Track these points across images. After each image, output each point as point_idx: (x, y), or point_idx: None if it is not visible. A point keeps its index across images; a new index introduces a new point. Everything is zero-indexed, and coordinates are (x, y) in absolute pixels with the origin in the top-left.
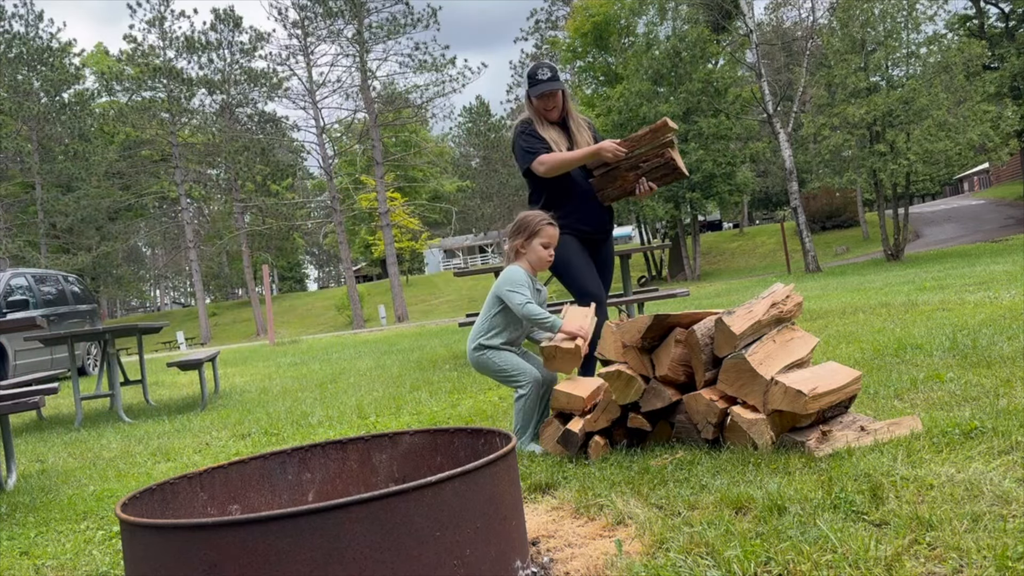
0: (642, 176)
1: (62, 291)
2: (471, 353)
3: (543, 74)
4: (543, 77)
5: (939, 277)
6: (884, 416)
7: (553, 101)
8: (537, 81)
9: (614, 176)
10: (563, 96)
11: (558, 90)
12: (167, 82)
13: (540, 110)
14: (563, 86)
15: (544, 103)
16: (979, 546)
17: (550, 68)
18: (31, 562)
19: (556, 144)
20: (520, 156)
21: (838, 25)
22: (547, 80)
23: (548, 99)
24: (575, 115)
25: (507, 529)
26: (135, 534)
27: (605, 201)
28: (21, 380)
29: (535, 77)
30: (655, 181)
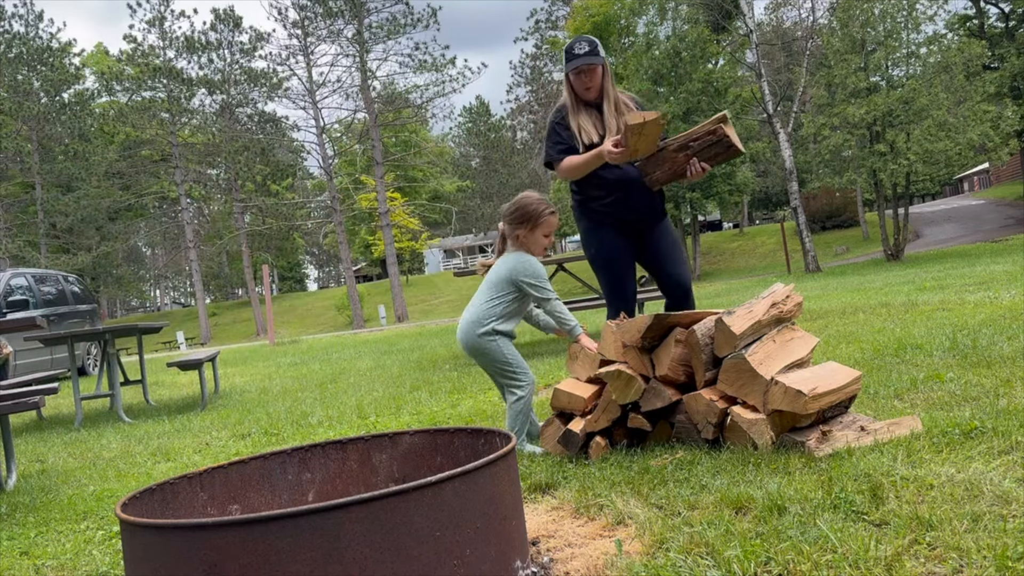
0: (693, 156)
1: (62, 291)
2: (476, 337)
3: (580, 48)
4: (580, 51)
5: (939, 277)
6: (884, 416)
7: (591, 78)
8: (573, 56)
9: (661, 159)
10: (603, 73)
11: (596, 66)
12: (167, 82)
13: (577, 88)
14: (602, 61)
15: (580, 80)
16: (979, 546)
17: (589, 42)
18: (31, 562)
19: (586, 133)
20: (545, 149)
21: (838, 25)
22: (584, 55)
23: (585, 76)
24: (613, 96)
25: (507, 529)
26: (135, 534)
27: (653, 186)
28: (21, 380)
29: (571, 51)
30: (708, 161)
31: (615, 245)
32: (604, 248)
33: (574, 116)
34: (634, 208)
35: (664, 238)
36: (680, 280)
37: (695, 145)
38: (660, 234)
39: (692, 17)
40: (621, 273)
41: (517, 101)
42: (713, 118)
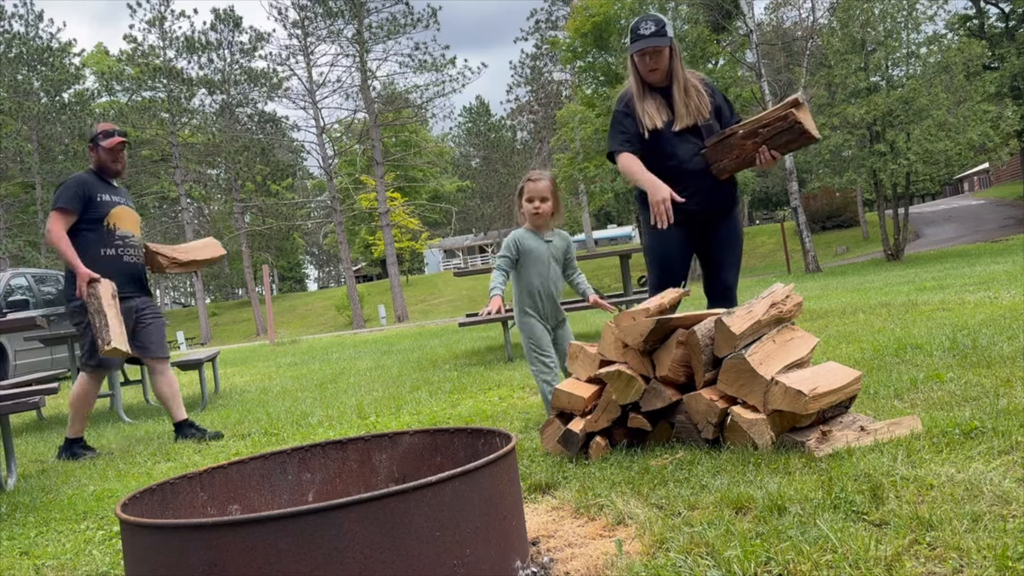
0: (762, 144)
1: (62, 291)
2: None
3: (646, 28)
4: (645, 31)
5: (939, 277)
6: (884, 416)
7: (656, 60)
8: (638, 36)
9: (729, 146)
10: (671, 55)
11: (663, 48)
12: (167, 82)
13: (642, 71)
14: (669, 42)
15: (645, 62)
16: (979, 546)
17: (656, 21)
18: (31, 562)
19: (650, 117)
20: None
21: (838, 25)
22: (650, 35)
23: (650, 58)
24: (682, 79)
25: (507, 529)
26: (135, 534)
27: (721, 175)
28: (21, 380)
29: (637, 31)
30: (778, 148)
31: (672, 240)
32: (659, 241)
33: (639, 101)
34: (698, 200)
35: (725, 238)
36: (727, 287)
37: (764, 132)
38: (723, 232)
39: (692, 17)
40: (672, 270)
41: (517, 101)
42: (784, 102)
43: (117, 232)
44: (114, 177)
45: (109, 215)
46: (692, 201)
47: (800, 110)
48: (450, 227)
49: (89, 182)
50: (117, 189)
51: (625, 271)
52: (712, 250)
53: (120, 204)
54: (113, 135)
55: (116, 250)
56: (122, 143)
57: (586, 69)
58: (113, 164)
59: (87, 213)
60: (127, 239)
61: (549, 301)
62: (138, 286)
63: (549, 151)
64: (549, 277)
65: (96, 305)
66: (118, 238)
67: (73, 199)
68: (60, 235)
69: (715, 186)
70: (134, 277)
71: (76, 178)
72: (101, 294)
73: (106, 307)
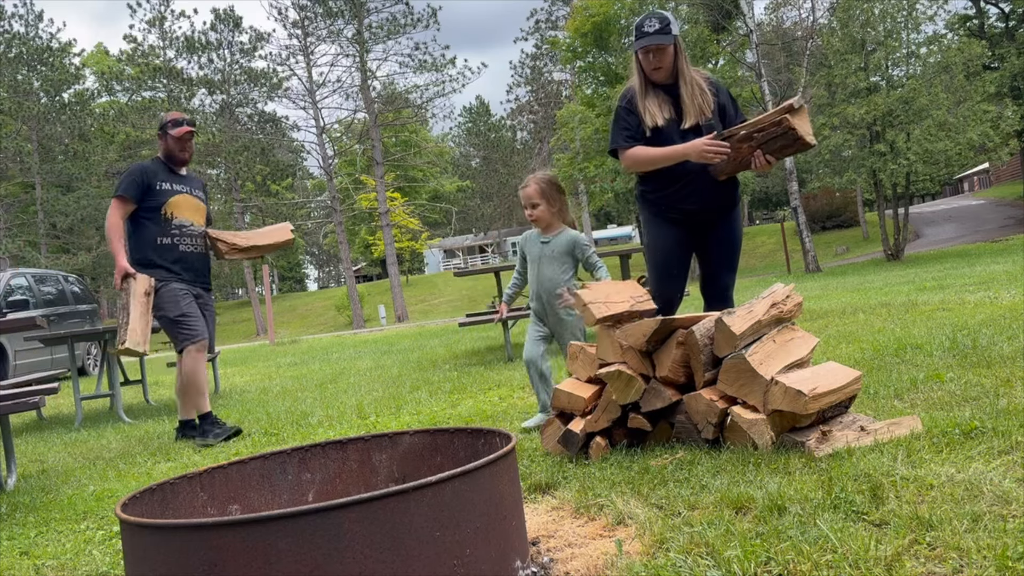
0: (757, 148)
1: (62, 291)
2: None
3: (650, 25)
4: (649, 29)
5: (939, 277)
6: (884, 416)
7: (660, 58)
8: (642, 33)
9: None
10: (675, 52)
11: (666, 45)
12: (167, 82)
13: (646, 68)
14: (674, 40)
15: (649, 60)
16: (979, 546)
17: (660, 18)
18: (31, 562)
19: (651, 115)
20: (611, 135)
21: (838, 25)
22: (653, 33)
23: (653, 56)
24: (689, 76)
25: (507, 529)
26: (135, 534)
27: (718, 176)
28: (21, 380)
29: (641, 28)
30: (773, 153)
31: (670, 239)
32: (657, 241)
33: (641, 98)
34: (697, 200)
35: (725, 239)
36: (724, 288)
37: (759, 136)
38: (723, 233)
39: (692, 17)
40: (670, 270)
41: (517, 101)
42: (781, 107)
43: (174, 221)
44: (181, 166)
45: (167, 204)
46: (692, 201)
47: (796, 115)
48: (450, 227)
49: (150, 170)
50: (184, 177)
51: (625, 271)
52: (711, 251)
53: (182, 192)
54: (182, 124)
55: (172, 239)
56: (190, 132)
57: (586, 69)
58: (180, 153)
59: (145, 201)
60: (185, 228)
61: (539, 301)
62: (195, 275)
63: (549, 151)
64: (539, 277)
65: (124, 300)
66: (175, 227)
67: (131, 187)
68: (112, 223)
69: (715, 186)
70: (192, 266)
71: (138, 166)
72: (132, 290)
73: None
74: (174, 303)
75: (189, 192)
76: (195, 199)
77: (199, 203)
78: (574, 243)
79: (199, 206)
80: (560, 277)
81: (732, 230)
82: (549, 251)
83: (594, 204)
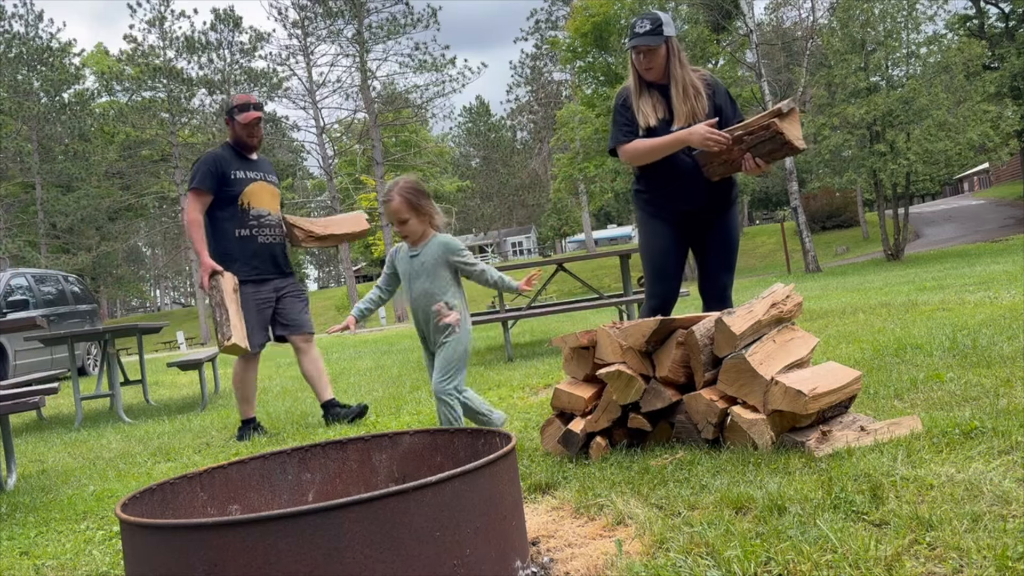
0: (747, 151)
1: (62, 291)
2: None
3: (641, 26)
4: (640, 29)
5: (939, 277)
6: (884, 416)
7: (650, 59)
8: (634, 34)
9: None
10: (668, 53)
11: (656, 47)
12: (167, 82)
13: (639, 68)
14: (663, 41)
15: (639, 60)
16: (979, 546)
17: (652, 19)
18: (31, 562)
19: (644, 116)
20: (610, 135)
21: (838, 25)
22: (643, 34)
23: (644, 56)
24: (681, 78)
25: (507, 529)
26: (135, 534)
27: (712, 177)
28: (21, 380)
29: (633, 29)
30: (763, 157)
31: (664, 238)
32: (652, 240)
33: (636, 98)
34: (692, 200)
35: (722, 238)
36: (722, 287)
37: (749, 139)
38: (720, 232)
39: (692, 17)
40: (664, 269)
41: (517, 101)
42: (770, 110)
43: (251, 211)
44: (251, 152)
45: (243, 193)
46: (686, 201)
47: (785, 120)
48: (450, 227)
49: (222, 158)
50: (255, 163)
51: (625, 271)
52: (708, 250)
53: (257, 180)
54: (249, 109)
55: (250, 230)
56: (258, 118)
57: (586, 69)
58: (249, 139)
59: (221, 192)
60: (262, 218)
61: (416, 322)
62: (276, 266)
63: (549, 151)
64: (412, 295)
65: (218, 298)
66: (252, 217)
67: (205, 178)
68: (192, 218)
69: (710, 186)
70: (271, 258)
71: (209, 155)
72: (223, 287)
73: (228, 301)
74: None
75: (263, 178)
76: (269, 185)
77: (274, 189)
78: (445, 249)
79: (274, 192)
80: (435, 291)
81: (728, 230)
82: (419, 264)
83: (594, 204)
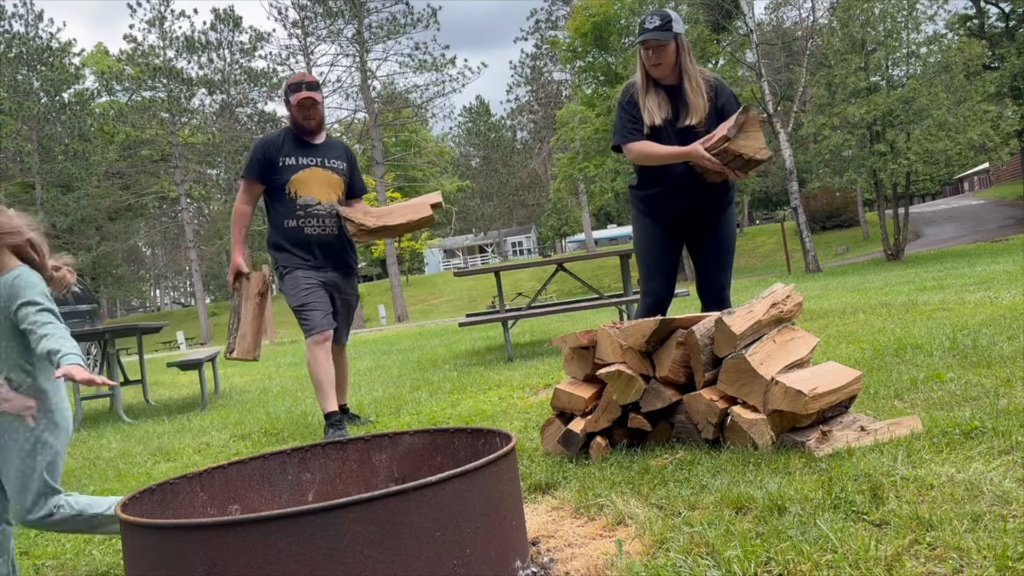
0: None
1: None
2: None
3: (651, 21)
4: (650, 25)
5: (939, 277)
6: (884, 416)
7: (659, 55)
8: (643, 30)
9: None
10: (678, 50)
11: (666, 42)
12: (167, 82)
13: (646, 64)
14: (673, 37)
15: (648, 56)
16: (979, 546)
17: (662, 15)
18: (31, 562)
19: (649, 113)
20: (613, 130)
21: (838, 25)
22: (653, 29)
23: (653, 52)
24: (694, 76)
25: (507, 529)
26: (135, 534)
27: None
28: None
29: (642, 24)
30: (737, 171)
31: (657, 236)
32: (646, 238)
33: (642, 94)
34: (686, 201)
35: (715, 238)
36: (720, 288)
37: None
38: (714, 232)
39: (692, 17)
40: (658, 267)
41: (517, 101)
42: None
43: (299, 200)
44: (311, 135)
45: (291, 181)
46: (680, 201)
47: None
48: (450, 227)
49: (272, 143)
50: (315, 148)
51: (625, 271)
52: (704, 252)
53: (310, 166)
54: (300, 89)
55: (297, 221)
56: (310, 99)
57: (586, 69)
58: (305, 121)
59: (271, 180)
60: (309, 207)
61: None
62: (328, 260)
63: (549, 151)
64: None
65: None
66: (299, 207)
67: (252, 167)
68: (236, 209)
69: (705, 188)
70: (322, 251)
71: (260, 141)
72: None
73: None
74: (294, 292)
75: (320, 164)
76: (327, 172)
77: (332, 176)
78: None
79: (331, 180)
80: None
81: (723, 232)
82: None
83: (594, 204)
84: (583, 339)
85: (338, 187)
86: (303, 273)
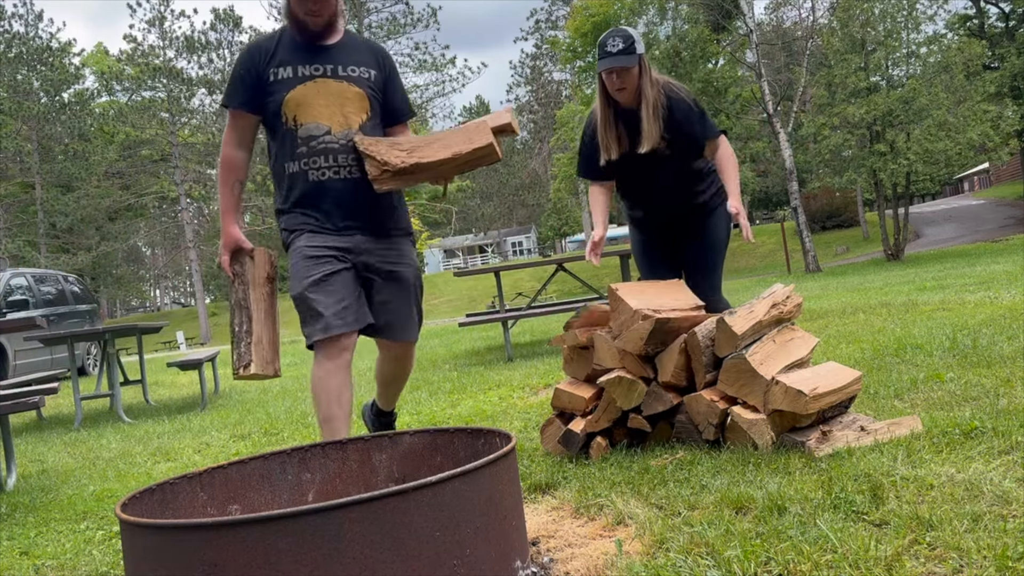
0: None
1: (62, 291)
2: None
3: (613, 44)
4: (612, 48)
5: (939, 277)
6: (884, 416)
7: (623, 79)
8: (606, 53)
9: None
10: (641, 73)
11: (631, 67)
12: (167, 82)
13: (609, 89)
14: (637, 61)
15: (612, 81)
16: (979, 546)
17: (624, 37)
18: (31, 562)
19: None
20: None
21: (838, 25)
22: (616, 53)
23: (617, 76)
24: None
25: (507, 529)
26: (135, 534)
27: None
28: (21, 380)
29: (603, 47)
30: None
31: (648, 242)
32: (637, 243)
33: (602, 127)
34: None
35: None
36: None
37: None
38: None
39: (692, 17)
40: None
41: (517, 101)
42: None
43: (299, 131)
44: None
45: (285, 102)
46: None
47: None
48: (450, 227)
49: (261, 49)
50: (324, 51)
51: (625, 271)
52: (684, 259)
53: (315, 77)
54: None
55: (299, 162)
56: None
57: (586, 69)
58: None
59: (264, 104)
60: (314, 141)
61: None
62: (346, 216)
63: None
64: None
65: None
66: (300, 140)
67: (234, 89)
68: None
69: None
70: (336, 203)
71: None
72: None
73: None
74: (296, 274)
75: (330, 74)
76: (342, 84)
77: (351, 89)
78: None
79: (350, 95)
80: None
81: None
82: None
83: None
84: (582, 337)
85: (361, 106)
86: (308, 242)
